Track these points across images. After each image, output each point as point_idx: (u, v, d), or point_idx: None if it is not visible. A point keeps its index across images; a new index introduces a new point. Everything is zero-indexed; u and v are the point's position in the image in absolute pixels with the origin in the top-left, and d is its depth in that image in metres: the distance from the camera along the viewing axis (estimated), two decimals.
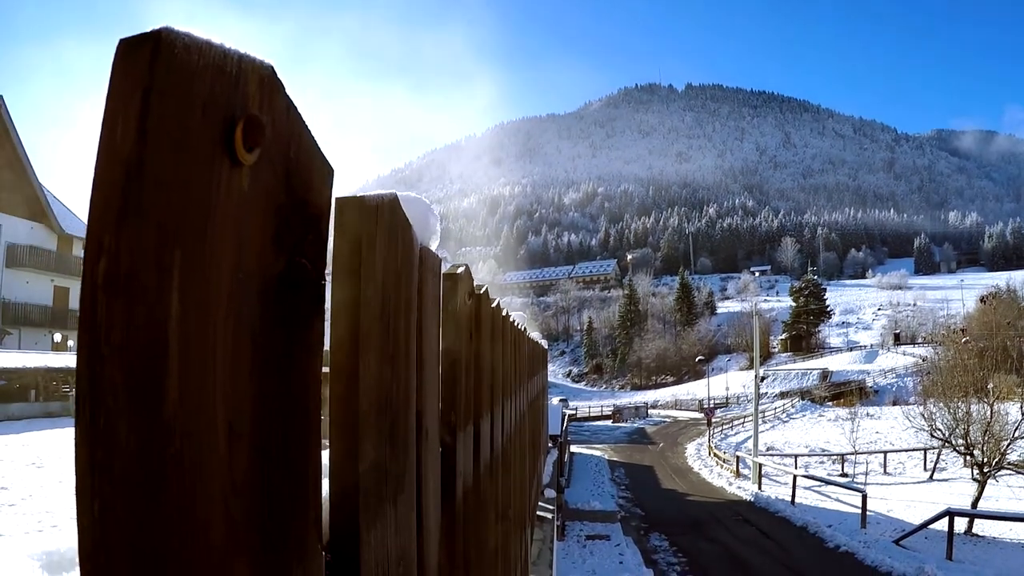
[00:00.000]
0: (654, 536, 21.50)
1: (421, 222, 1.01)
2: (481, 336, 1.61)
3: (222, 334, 0.47)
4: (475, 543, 1.55)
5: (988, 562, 17.18)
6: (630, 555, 18.16)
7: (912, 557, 17.35)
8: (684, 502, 28.27)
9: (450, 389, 1.33)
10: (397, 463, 0.89)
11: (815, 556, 18.31)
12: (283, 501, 0.56)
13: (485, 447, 1.71)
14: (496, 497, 2.03)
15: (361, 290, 0.75)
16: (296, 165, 0.55)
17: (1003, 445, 22.07)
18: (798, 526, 21.95)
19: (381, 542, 0.82)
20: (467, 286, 1.40)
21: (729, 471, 34.76)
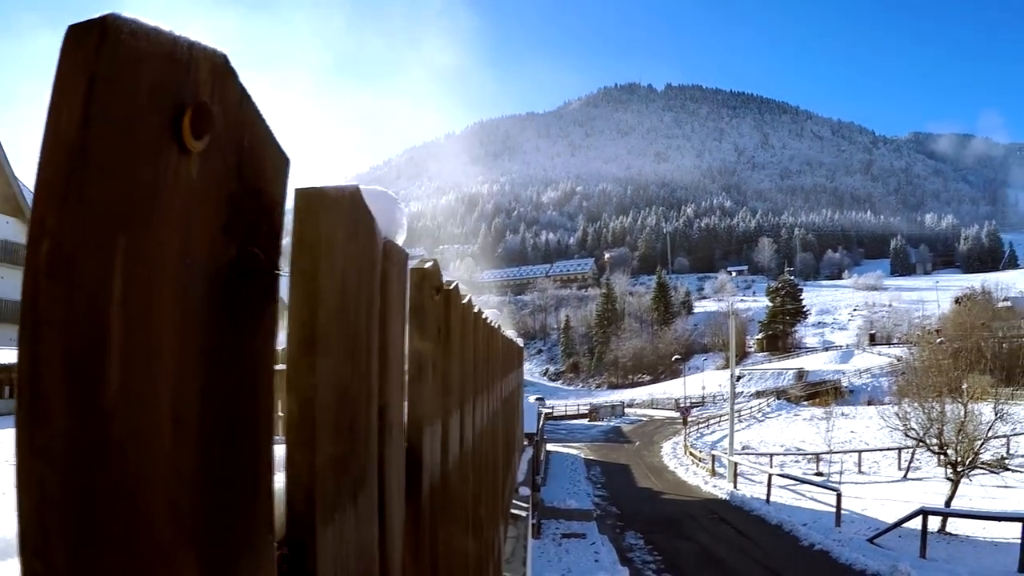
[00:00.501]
0: (630, 534, 21.56)
1: (386, 216, 1.00)
2: (450, 332, 1.60)
3: (168, 321, 0.47)
4: (444, 540, 1.54)
5: (961, 560, 17.34)
6: (605, 553, 18.21)
7: (886, 555, 17.49)
8: (660, 501, 28.36)
9: (417, 385, 1.32)
10: (357, 458, 0.88)
11: (790, 554, 18.43)
12: (232, 491, 0.55)
13: (454, 444, 1.71)
14: (467, 494, 2.02)
15: (319, 282, 0.74)
16: (249, 154, 0.54)
17: (977, 445, 22.29)
18: (773, 524, 22.08)
19: (339, 537, 0.81)
20: (435, 281, 1.39)
21: (705, 470, 34.91)
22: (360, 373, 0.89)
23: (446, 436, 1.57)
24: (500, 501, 3.85)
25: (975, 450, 22.30)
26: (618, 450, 47.17)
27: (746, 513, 24.36)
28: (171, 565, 0.46)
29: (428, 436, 1.35)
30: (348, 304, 0.83)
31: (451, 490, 1.68)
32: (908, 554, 17.48)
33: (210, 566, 0.51)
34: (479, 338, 2.39)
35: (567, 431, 60.34)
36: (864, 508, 24.47)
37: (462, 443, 1.87)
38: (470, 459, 2.11)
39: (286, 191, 0.65)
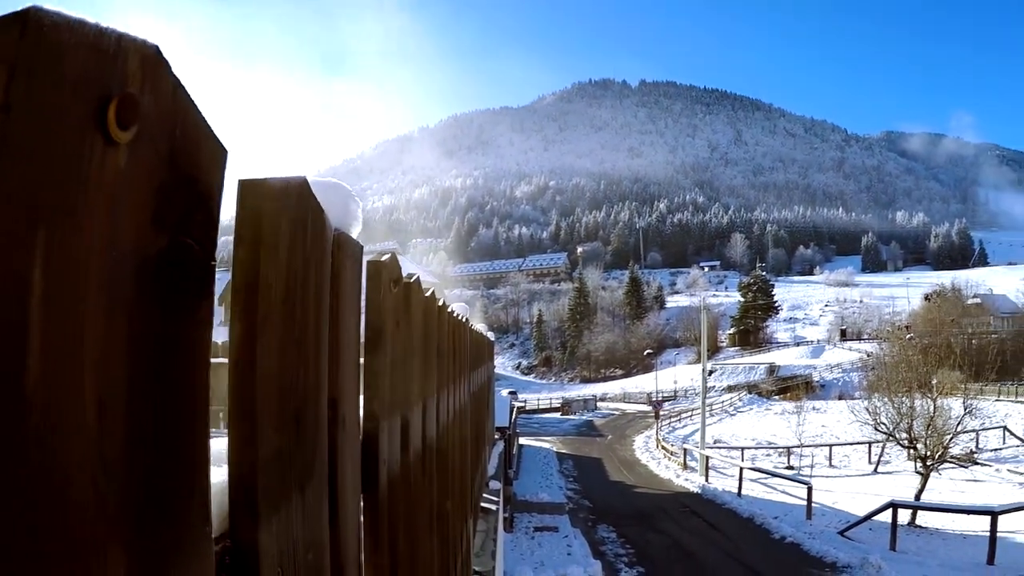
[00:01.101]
0: (602, 527, 21.60)
1: (340, 208, 1.00)
2: (411, 325, 1.60)
3: (93, 311, 0.46)
4: (406, 533, 1.54)
5: (931, 553, 17.53)
6: (578, 546, 18.24)
7: (856, 548, 17.62)
8: (632, 494, 28.47)
9: (374, 377, 1.31)
10: (304, 449, 0.88)
11: (761, 547, 18.50)
12: (165, 482, 0.55)
13: (416, 437, 1.70)
14: (431, 488, 2.02)
15: (261, 273, 0.74)
16: (182, 145, 0.53)
17: (946, 439, 22.50)
18: (744, 517, 22.13)
19: (285, 529, 0.80)
20: (393, 273, 1.38)
21: (677, 463, 35.10)
22: (307, 365, 0.88)
23: (407, 429, 1.56)
24: (469, 495, 3.85)
25: (944, 444, 22.53)
26: (590, 444, 47.30)
27: (718, 506, 24.45)
28: (99, 559, 0.45)
29: (386, 429, 1.35)
30: (294, 295, 0.82)
31: (414, 483, 1.67)
32: (878, 547, 17.63)
33: (141, 559, 0.51)
34: (444, 332, 2.39)
35: (540, 425, 60.44)
36: (835, 501, 24.70)
37: (425, 436, 1.87)
38: (435, 453, 2.11)
39: (223, 182, 0.63)
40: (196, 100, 0.58)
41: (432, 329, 2.02)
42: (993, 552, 15.80)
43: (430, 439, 1.99)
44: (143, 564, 0.51)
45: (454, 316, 2.97)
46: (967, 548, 17.54)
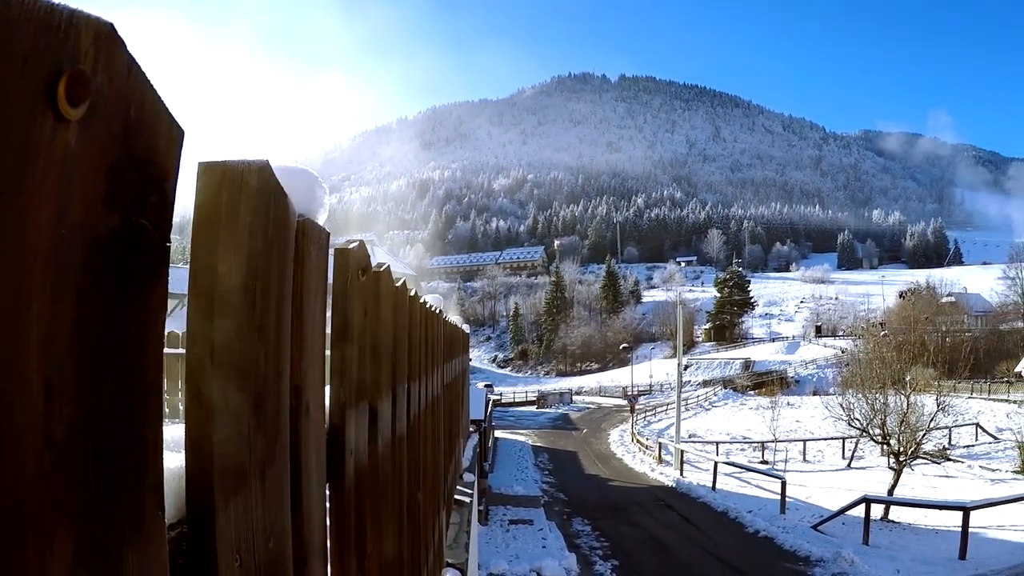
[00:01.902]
0: (577, 521, 21.63)
1: (305, 195, 0.99)
2: (380, 314, 1.59)
3: (38, 288, 0.46)
4: (373, 523, 1.53)
5: (903, 547, 17.65)
6: (553, 539, 18.29)
7: (830, 542, 17.73)
8: (607, 487, 28.56)
9: (341, 366, 1.30)
10: (264, 436, 0.87)
11: (735, 540, 18.58)
12: (116, 465, 0.54)
13: (385, 427, 1.69)
14: (400, 479, 2.01)
15: (220, 257, 0.73)
16: (137, 124, 0.51)
17: (919, 435, 22.64)
18: (719, 511, 22.24)
19: (244, 516, 0.80)
20: (361, 262, 1.37)
21: (652, 457, 35.21)
22: (267, 351, 0.88)
23: (375, 419, 1.55)
24: (442, 487, 3.85)
25: (917, 440, 22.67)
26: (566, 437, 47.43)
27: (692, 500, 24.55)
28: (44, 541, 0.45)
29: (353, 419, 1.34)
30: (253, 281, 0.81)
31: (382, 474, 1.66)
32: (851, 541, 17.72)
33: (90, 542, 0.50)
34: (415, 322, 2.38)
35: (515, 418, 60.50)
36: (808, 496, 24.83)
37: (395, 427, 1.86)
38: (405, 444, 2.10)
39: (179, 163, 0.62)
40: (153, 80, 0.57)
41: (402, 319, 2.01)
42: (965, 547, 15.96)
43: (400, 430, 1.98)
44: (92, 547, 0.50)
45: (426, 307, 2.96)
46: (939, 543, 17.63)
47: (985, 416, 43.52)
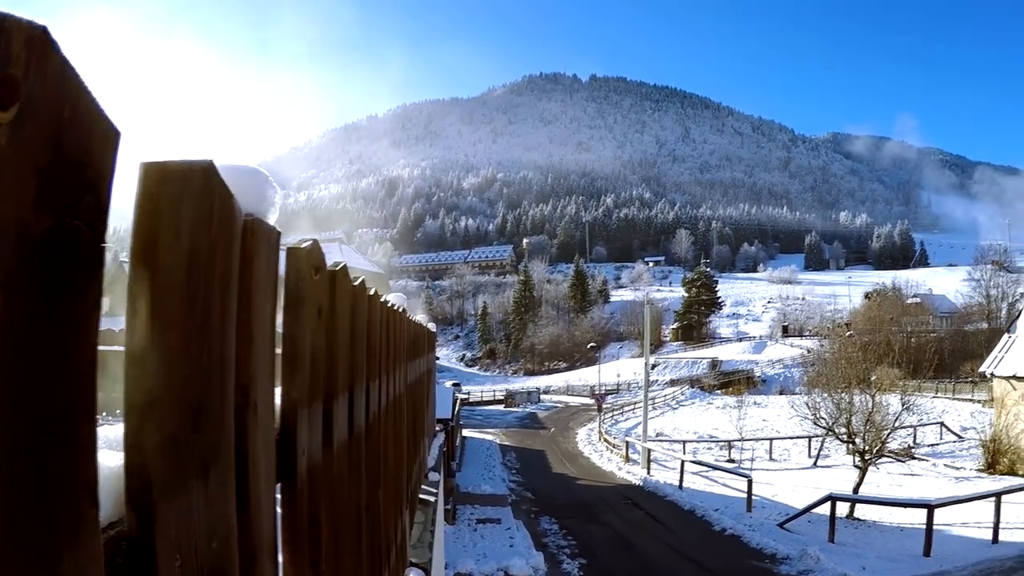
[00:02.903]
0: (544, 519, 21.65)
1: (255, 194, 0.98)
2: (336, 314, 1.58)
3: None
4: (329, 523, 1.53)
5: (868, 545, 17.81)
6: (520, 538, 18.31)
7: (796, 540, 17.82)
8: (574, 486, 28.63)
9: (293, 365, 1.30)
10: (206, 435, 0.86)
11: (702, 539, 18.66)
12: (46, 464, 0.53)
13: (341, 426, 1.69)
14: (359, 477, 2.00)
15: (160, 258, 0.72)
16: (71, 126, 0.49)
17: (884, 434, 22.83)
18: (686, 510, 22.32)
19: (185, 517, 0.79)
20: (314, 261, 1.37)
21: (619, 456, 35.33)
22: (211, 351, 0.87)
23: (331, 418, 1.55)
24: (405, 486, 3.84)
25: (882, 439, 22.85)
26: (533, 436, 47.47)
27: (659, 498, 24.63)
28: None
29: (306, 418, 1.33)
30: (196, 281, 0.81)
31: (339, 473, 1.66)
32: (817, 539, 17.81)
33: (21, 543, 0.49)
34: (375, 321, 2.37)
35: (483, 417, 60.45)
36: (775, 494, 24.98)
37: (353, 426, 1.85)
38: (364, 443, 2.09)
39: (115, 164, 0.61)
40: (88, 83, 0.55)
41: (361, 318, 2.00)
42: (929, 544, 16.14)
43: (359, 429, 1.98)
44: (23, 546, 0.50)
45: (388, 306, 2.95)
46: (904, 540, 17.80)
47: (950, 415, 44.20)
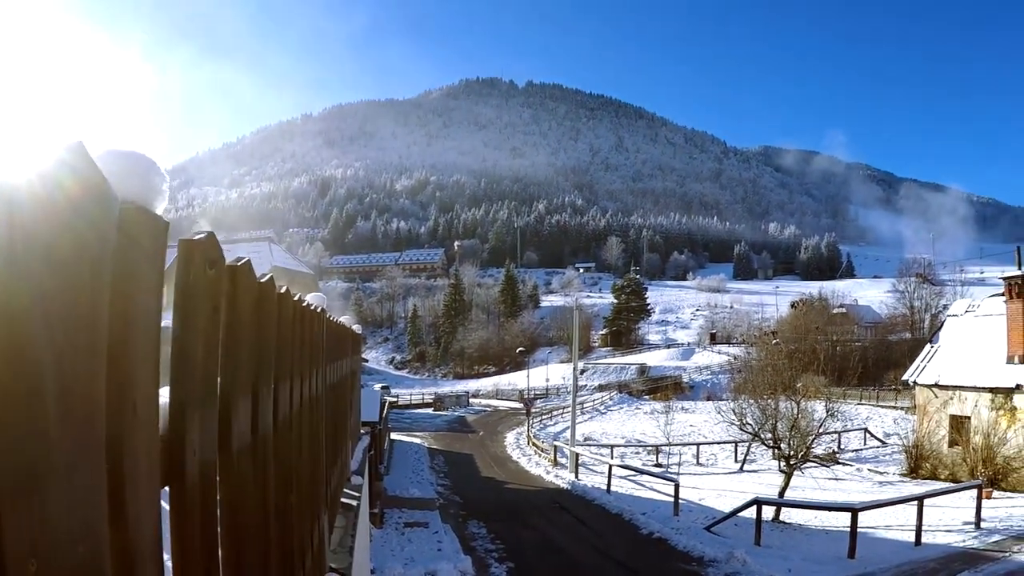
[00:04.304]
0: (473, 523, 21.54)
1: (139, 181, 0.94)
2: (236, 311, 1.53)
3: None
4: (228, 527, 1.48)
5: (794, 547, 18.04)
6: (448, 542, 18.21)
7: (722, 543, 17.95)
8: (503, 490, 28.64)
9: (183, 364, 1.24)
10: (70, 435, 0.82)
11: (629, 542, 18.71)
12: None
13: (242, 428, 1.63)
14: (265, 480, 1.94)
15: (17, 243, 0.69)
16: None
17: (809, 440, 23.16)
18: (613, 513, 22.39)
19: (42, 519, 0.75)
20: (209, 255, 1.31)
21: (547, 460, 35.46)
22: (76, 346, 0.83)
23: (229, 419, 1.50)
24: (323, 490, 3.77)
25: (807, 445, 23.17)
26: (462, 440, 47.42)
27: (587, 502, 24.71)
28: None
29: (197, 419, 1.28)
30: (57, 271, 0.77)
31: (240, 476, 1.61)
32: (744, 541, 17.96)
33: None
34: (285, 321, 2.31)
35: (412, 420, 60.26)
36: (702, 498, 25.28)
37: (256, 428, 1.79)
38: (272, 445, 2.03)
39: None
40: None
41: (267, 317, 1.95)
42: (854, 547, 16.42)
43: (265, 431, 1.92)
44: None
45: (303, 306, 2.89)
46: (829, 543, 18.05)
47: (874, 422, 45.45)
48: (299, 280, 37.88)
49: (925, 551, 16.72)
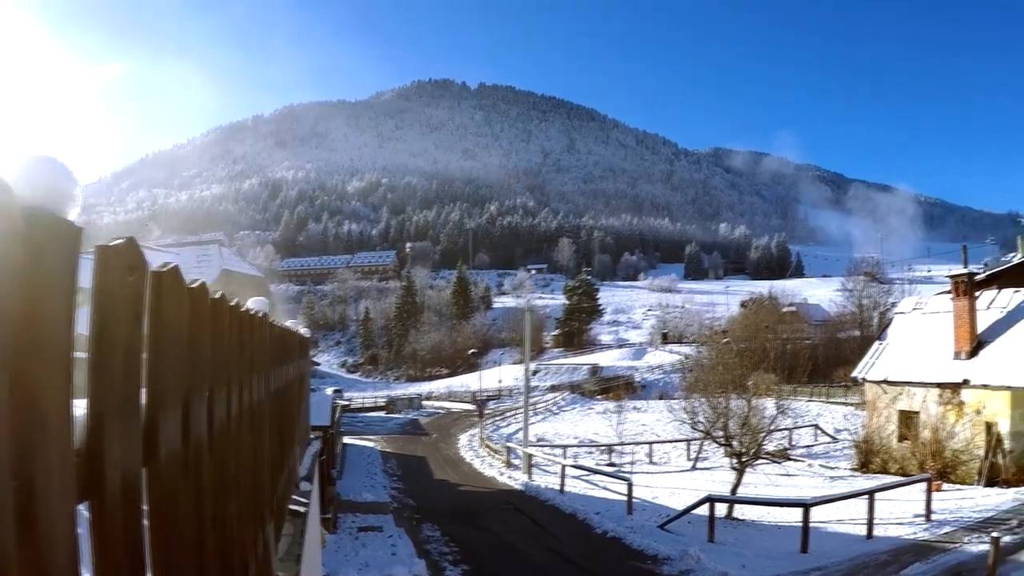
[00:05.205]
0: (427, 526, 21.46)
1: (50, 187, 0.90)
2: (162, 318, 1.48)
3: None
4: (157, 541, 1.44)
5: (747, 543, 18.24)
6: (403, 546, 18.12)
7: (676, 540, 18.05)
8: (456, 492, 28.60)
9: (101, 374, 1.20)
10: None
11: (584, 542, 18.76)
12: None
13: (171, 437, 1.58)
14: (199, 490, 1.89)
15: None
16: None
17: (760, 437, 23.45)
18: (567, 514, 22.46)
19: None
20: (128, 260, 1.27)
21: (501, 461, 35.48)
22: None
23: (155, 431, 1.45)
24: (269, 498, 3.70)
25: (759, 442, 23.48)
26: (415, 442, 47.21)
27: (541, 503, 24.75)
28: None
29: (117, 431, 1.24)
30: None
31: (170, 487, 1.56)
32: (697, 539, 18.11)
33: None
34: (221, 326, 2.25)
35: (364, 424, 59.86)
36: (655, 496, 25.43)
37: (189, 437, 1.74)
38: (206, 455, 1.98)
39: None
40: None
41: (200, 323, 1.90)
42: (806, 541, 16.68)
43: (198, 440, 1.87)
44: None
45: (242, 311, 2.83)
46: (782, 538, 18.28)
47: (824, 418, 46.19)
48: (249, 284, 37.42)
49: (877, 544, 17.04)
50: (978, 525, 17.93)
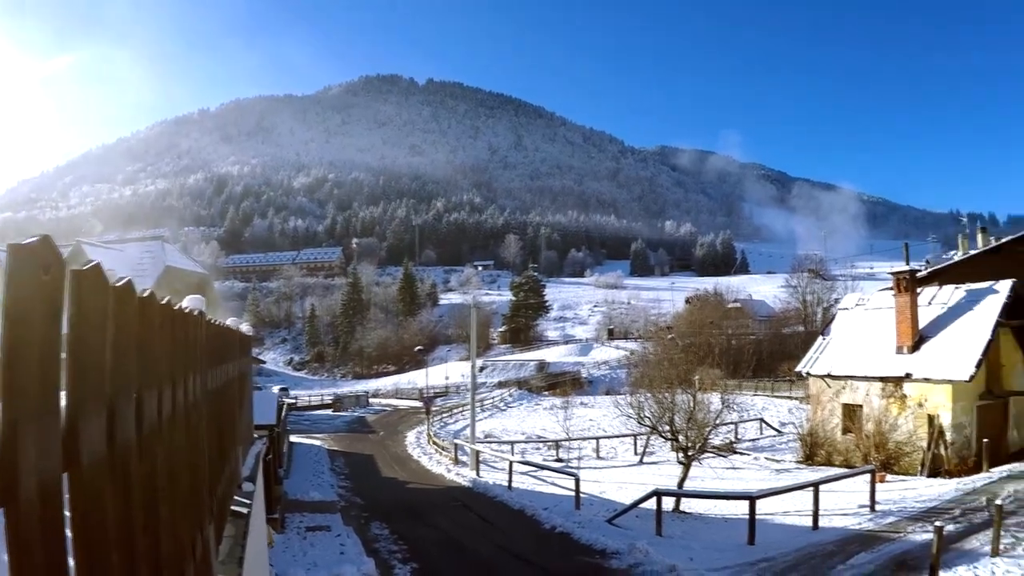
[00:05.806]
0: (375, 524, 21.31)
1: None
2: (84, 318, 1.44)
3: None
4: (81, 549, 1.40)
5: (695, 536, 18.41)
6: (351, 545, 17.97)
7: (624, 535, 18.10)
8: (404, 490, 28.52)
9: (12, 378, 1.15)
10: None
11: (532, 537, 18.72)
12: None
13: (94, 441, 1.54)
14: (128, 495, 1.84)
15: None
16: None
17: (706, 431, 23.65)
18: (515, 509, 22.42)
19: None
20: (44, 259, 1.23)
21: (448, 458, 35.42)
22: None
23: (75, 434, 1.41)
24: (206, 500, 3.64)
25: (705, 436, 23.68)
26: (362, 440, 47.01)
27: (489, 499, 24.71)
28: None
29: (32, 436, 1.20)
30: None
31: (94, 492, 1.52)
32: (645, 532, 18.23)
33: None
34: (150, 326, 2.20)
35: (311, 422, 59.50)
36: (603, 491, 25.57)
37: (114, 441, 1.70)
38: (135, 457, 1.93)
39: None
40: None
41: (127, 323, 1.85)
42: (753, 533, 16.89)
43: (125, 442, 1.82)
44: None
45: (175, 310, 2.78)
46: (729, 530, 18.55)
47: (770, 412, 46.84)
48: (193, 281, 36.78)
49: (823, 535, 17.35)
50: (922, 515, 18.43)
